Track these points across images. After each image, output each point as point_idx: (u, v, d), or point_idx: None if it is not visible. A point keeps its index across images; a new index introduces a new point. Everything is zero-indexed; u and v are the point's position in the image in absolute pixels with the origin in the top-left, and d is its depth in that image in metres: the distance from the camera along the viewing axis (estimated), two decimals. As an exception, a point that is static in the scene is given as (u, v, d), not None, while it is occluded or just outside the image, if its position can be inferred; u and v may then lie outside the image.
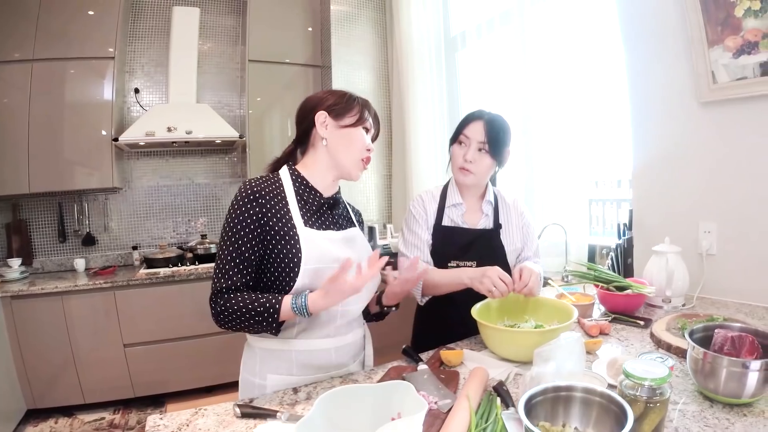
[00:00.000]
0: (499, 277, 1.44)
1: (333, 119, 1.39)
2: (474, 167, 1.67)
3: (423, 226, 1.76)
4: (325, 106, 1.39)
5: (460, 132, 1.71)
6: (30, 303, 3.16)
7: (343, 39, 4.01)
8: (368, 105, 1.46)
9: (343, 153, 1.40)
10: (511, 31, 2.97)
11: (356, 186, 4.09)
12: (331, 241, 1.37)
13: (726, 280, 1.90)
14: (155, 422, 1.12)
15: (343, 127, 1.39)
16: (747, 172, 1.82)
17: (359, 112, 1.41)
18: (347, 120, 1.39)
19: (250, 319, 1.24)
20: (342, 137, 1.39)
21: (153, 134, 3.51)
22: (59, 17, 3.42)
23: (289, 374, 1.36)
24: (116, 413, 3.37)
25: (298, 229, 1.32)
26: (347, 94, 1.43)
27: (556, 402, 0.90)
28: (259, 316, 1.23)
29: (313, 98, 1.43)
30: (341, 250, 1.37)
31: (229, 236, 1.29)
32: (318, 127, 1.38)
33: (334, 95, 1.42)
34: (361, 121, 1.41)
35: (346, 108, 1.40)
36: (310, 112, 1.40)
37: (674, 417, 1.00)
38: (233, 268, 1.28)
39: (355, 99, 1.44)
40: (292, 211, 1.34)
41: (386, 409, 0.91)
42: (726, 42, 1.78)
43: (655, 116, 2.12)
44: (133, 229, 4.11)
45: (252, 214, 1.28)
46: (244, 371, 1.44)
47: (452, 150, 1.74)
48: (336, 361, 1.42)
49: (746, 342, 1.06)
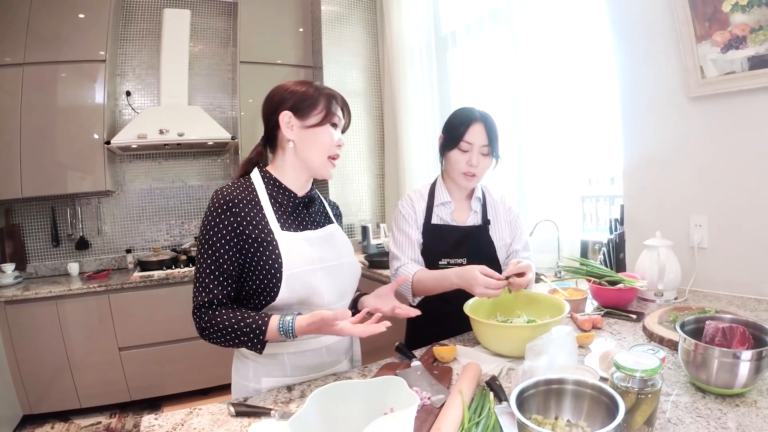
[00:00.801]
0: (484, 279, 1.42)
1: (298, 119, 1.33)
2: (478, 170, 1.68)
3: (413, 226, 1.76)
4: (288, 105, 1.33)
5: (460, 138, 1.66)
6: (24, 308, 3.16)
7: (334, 39, 4.01)
8: (335, 96, 1.39)
9: (311, 153, 1.35)
10: (501, 30, 2.98)
11: (349, 186, 4.09)
12: (309, 241, 1.35)
13: (717, 273, 1.91)
14: (150, 422, 1.12)
15: (309, 128, 1.33)
16: (737, 166, 1.83)
17: (325, 107, 1.34)
18: (313, 119, 1.33)
19: (236, 339, 1.21)
20: (309, 137, 1.34)
21: (145, 137, 3.50)
22: (50, 20, 3.42)
23: (284, 376, 1.35)
24: (113, 417, 3.36)
25: (276, 234, 1.29)
26: (311, 89, 1.35)
27: (547, 395, 0.90)
28: (244, 336, 1.21)
29: (276, 95, 1.36)
30: (321, 249, 1.36)
31: (206, 249, 1.25)
32: (283, 128, 1.33)
33: (296, 93, 1.34)
34: (328, 117, 1.35)
35: (310, 106, 1.33)
36: (274, 112, 1.34)
37: (667, 408, 1.00)
38: (213, 281, 1.25)
39: (320, 93, 1.35)
40: (268, 217, 1.31)
41: (379, 404, 0.91)
42: (714, 37, 1.79)
43: (645, 112, 2.13)
44: (126, 232, 4.10)
45: (228, 224, 1.25)
46: (236, 376, 1.42)
47: (452, 156, 1.69)
48: (328, 359, 1.41)
49: (737, 333, 1.07)
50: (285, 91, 1.35)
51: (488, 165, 1.71)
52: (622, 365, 0.89)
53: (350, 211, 4.13)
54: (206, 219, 1.26)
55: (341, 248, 1.44)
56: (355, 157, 4.13)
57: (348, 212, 4.11)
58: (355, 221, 4.14)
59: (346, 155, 4.00)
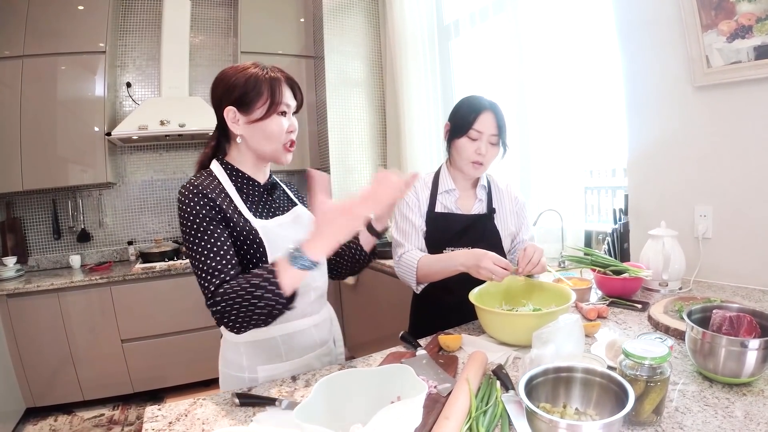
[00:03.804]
0: (494, 263, 1.43)
1: (242, 114, 1.26)
2: (486, 159, 1.67)
3: (416, 213, 1.75)
4: (230, 100, 1.25)
5: (470, 126, 1.64)
6: (26, 301, 3.16)
7: (336, 29, 3.98)
8: (278, 80, 1.28)
9: (262, 146, 1.30)
10: (504, 19, 2.95)
11: (351, 176, 4.08)
12: (282, 226, 1.33)
13: (722, 264, 1.90)
14: (153, 413, 1.11)
15: (254, 122, 1.26)
16: (742, 156, 1.82)
17: (268, 97, 1.25)
18: (257, 113, 1.26)
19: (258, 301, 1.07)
20: (256, 131, 1.28)
21: (146, 128, 3.49)
22: (49, 12, 3.40)
23: (280, 361, 1.35)
24: (115, 409, 3.37)
25: (253, 223, 1.27)
26: (251, 78, 1.25)
27: (556, 383, 0.90)
28: (261, 290, 1.07)
29: (219, 87, 1.28)
30: (294, 231, 1.34)
31: (196, 235, 1.18)
32: (229, 125, 1.27)
33: (237, 85, 1.24)
34: (273, 107, 1.26)
35: (253, 97, 1.25)
36: (219, 107, 1.28)
37: (674, 397, 1.00)
38: (219, 262, 1.16)
39: (261, 81, 1.25)
40: (240, 207, 1.27)
41: (386, 392, 0.91)
42: (720, 26, 1.78)
43: (650, 101, 2.12)
44: (128, 224, 4.10)
45: (209, 208, 1.19)
46: (227, 369, 1.37)
47: (460, 143, 1.68)
48: (318, 338, 1.42)
49: (744, 322, 1.06)
50: (227, 83, 1.26)
51: (496, 154, 1.70)
52: (631, 353, 0.89)
53: (353, 202, 4.10)
54: (184, 212, 1.20)
55: (307, 224, 1.41)
56: (357, 147, 4.11)
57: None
58: (357, 212, 4.11)
59: (347, 146, 4.00)
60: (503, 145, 1.70)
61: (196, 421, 1.06)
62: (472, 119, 1.64)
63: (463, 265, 1.50)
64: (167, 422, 1.07)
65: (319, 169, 4.22)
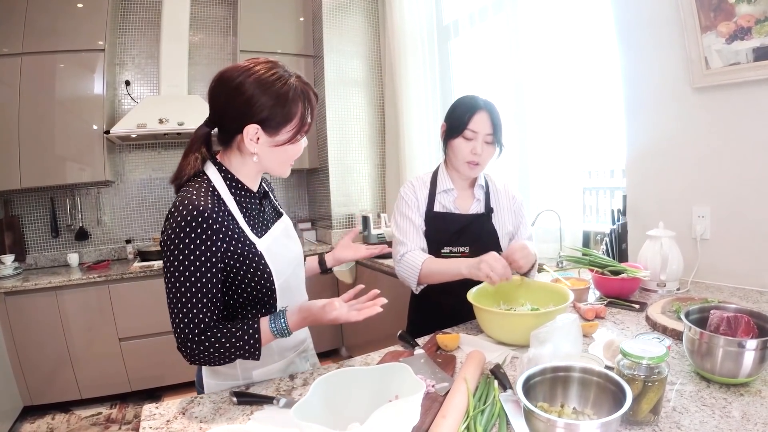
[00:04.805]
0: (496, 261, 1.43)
1: (267, 135, 1.15)
2: (482, 159, 1.67)
3: (416, 212, 1.75)
4: (258, 118, 1.12)
5: (464, 126, 1.65)
6: (24, 299, 3.15)
7: (335, 28, 3.98)
8: (309, 97, 1.18)
9: (275, 165, 1.22)
10: (503, 20, 2.96)
11: (350, 176, 4.09)
12: (276, 240, 1.28)
13: (720, 264, 1.90)
14: (151, 411, 1.11)
15: (278, 146, 1.17)
16: (740, 157, 1.82)
17: (300, 119, 1.16)
18: (284, 135, 1.16)
19: (231, 355, 1.12)
20: (276, 153, 1.18)
21: (144, 126, 3.48)
22: (48, 10, 3.39)
23: (272, 362, 1.33)
24: (113, 408, 3.37)
25: (257, 245, 1.19)
26: (287, 96, 1.13)
27: (554, 382, 0.90)
28: (239, 350, 1.11)
29: (241, 98, 1.12)
30: (287, 245, 1.33)
31: (183, 273, 1.09)
32: (246, 142, 1.15)
33: (267, 103, 1.11)
34: (302, 130, 1.18)
35: (283, 120, 1.14)
36: (238, 119, 1.14)
37: (671, 397, 1.00)
38: (201, 310, 1.10)
39: (295, 98, 1.14)
40: (243, 226, 1.18)
41: (384, 391, 0.91)
42: (719, 28, 1.78)
43: (648, 102, 2.12)
44: (126, 222, 4.09)
45: (208, 242, 1.09)
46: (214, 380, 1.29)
47: (456, 144, 1.68)
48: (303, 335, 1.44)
49: (742, 322, 1.06)
50: (252, 94, 1.11)
51: (492, 154, 1.70)
52: (629, 353, 0.89)
53: (351, 201, 4.13)
54: (177, 236, 1.08)
55: (295, 235, 1.41)
56: (355, 146, 4.11)
57: (349, 202, 4.12)
58: (355, 211, 4.13)
59: (346, 145, 4.01)
60: (499, 145, 1.70)
61: (193, 420, 1.06)
62: (467, 119, 1.65)
63: (466, 268, 1.49)
64: (165, 420, 1.07)
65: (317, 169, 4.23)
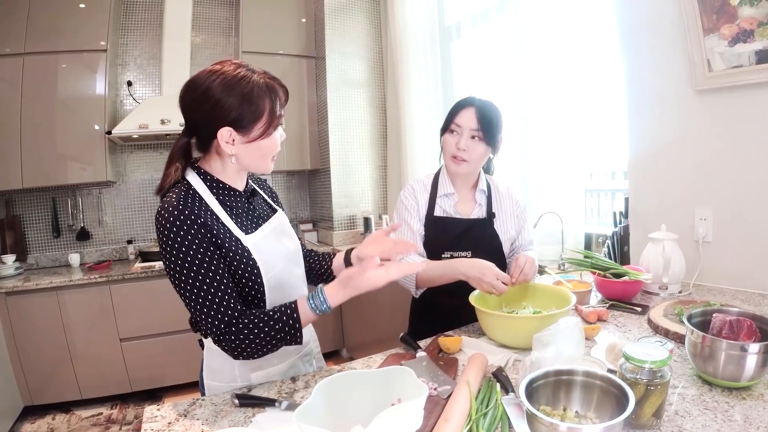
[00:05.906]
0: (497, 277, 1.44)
1: (240, 134, 1.16)
2: (467, 155, 1.65)
3: (415, 217, 1.74)
4: (228, 120, 1.13)
5: (451, 121, 1.67)
6: (25, 299, 3.15)
7: (338, 29, 3.98)
8: (275, 90, 1.18)
9: (255, 161, 1.22)
10: (506, 21, 2.96)
11: (351, 177, 4.10)
12: (267, 237, 1.28)
13: (722, 267, 1.90)
14: (152, 413, 1.11)
15: (252, 141, 1.18)
16: (742, 160, 1.82)
17: (269, 114, 1.17)
18: (256, 131, 1.16)
19: (272, 341, 1.13)
20: (252, 150, 1.19)
21: (146, 127, 3.48)
22: (50, 10, 3.40)
23: (271, 365, 1.31)
24: (114, 408, 3.37)
25: (244, 241, 1.20)
26: (248, 95, 1.13)
27: (557, 386, 0.90)
28: (279, 333, 1.13)
29: (209, 103, 1.13)
30: (280, 241, 1.33)
31: (194, 272, 1.11)
32: (222, 145, 1.16)
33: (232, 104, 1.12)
34: (272, 123, 1.18)
35: (253, 118, 1.15)
36: (210, 124, 1.14)
37: (674, 401, 1.00)
38: (222, 298, 1.12)
39: (260, 93, 1.15)
40: (227, 224, 1.20)
41: (386, 394, 0.91)
42: (721, 30, 1.78)
43: (651, 104, 2.12)
44: (127, 222, 4.10)
45: (203, 237, 1.11)
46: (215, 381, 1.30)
47: (444, 139, 1.71)
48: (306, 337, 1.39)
49: (744, 326, 1.06)
50: (215, 99, 1.12)
51: (480, 153, 1.66)
52: (631, 356, 0.89)
53: (352, 202, 4.13)
54: (172, 242, 1.10)
55: (290, 234, 1.41)
56: (357, 147, 4.11)
57: (350, 203, 4.12)
58: (357, 212, 4.14)
59: (348, 146, 4.01)
60: (490, 144, 1.66)
61: (195, 422, 1.06)
62: (453, 114, 1.68)
63: (463, 274, 1.49)
64: (166, 422, 1.07)
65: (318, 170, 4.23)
